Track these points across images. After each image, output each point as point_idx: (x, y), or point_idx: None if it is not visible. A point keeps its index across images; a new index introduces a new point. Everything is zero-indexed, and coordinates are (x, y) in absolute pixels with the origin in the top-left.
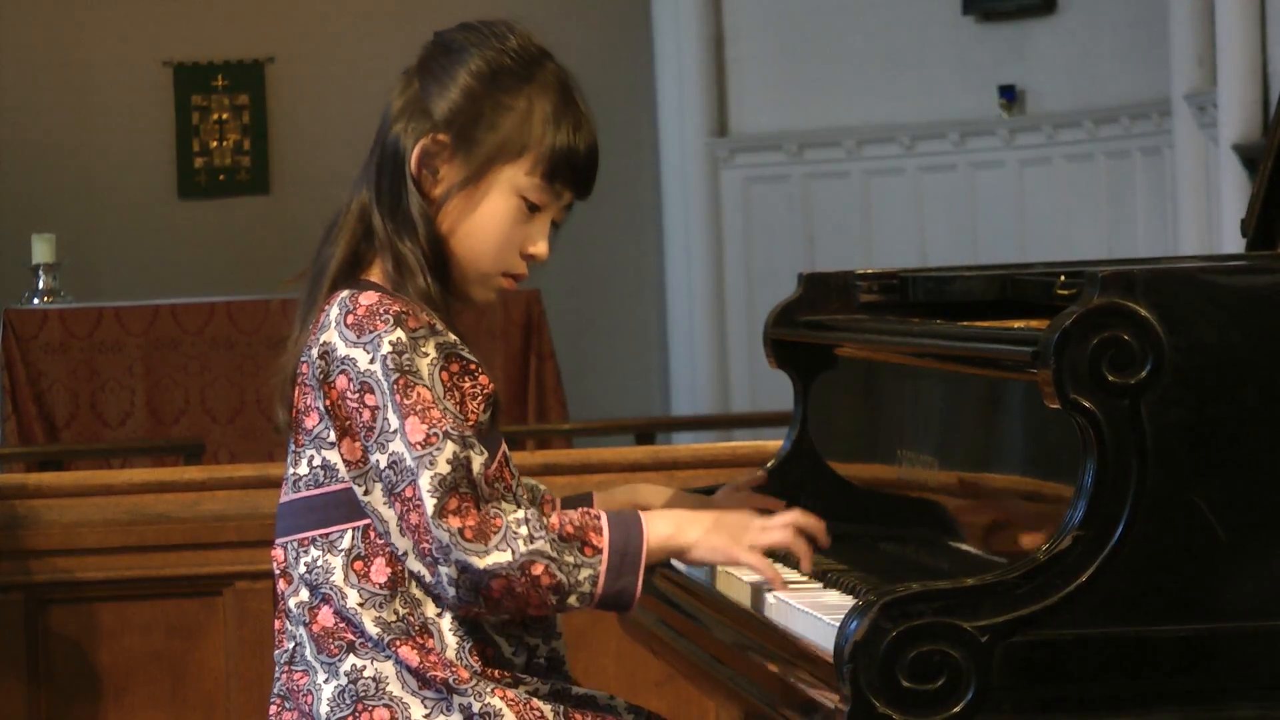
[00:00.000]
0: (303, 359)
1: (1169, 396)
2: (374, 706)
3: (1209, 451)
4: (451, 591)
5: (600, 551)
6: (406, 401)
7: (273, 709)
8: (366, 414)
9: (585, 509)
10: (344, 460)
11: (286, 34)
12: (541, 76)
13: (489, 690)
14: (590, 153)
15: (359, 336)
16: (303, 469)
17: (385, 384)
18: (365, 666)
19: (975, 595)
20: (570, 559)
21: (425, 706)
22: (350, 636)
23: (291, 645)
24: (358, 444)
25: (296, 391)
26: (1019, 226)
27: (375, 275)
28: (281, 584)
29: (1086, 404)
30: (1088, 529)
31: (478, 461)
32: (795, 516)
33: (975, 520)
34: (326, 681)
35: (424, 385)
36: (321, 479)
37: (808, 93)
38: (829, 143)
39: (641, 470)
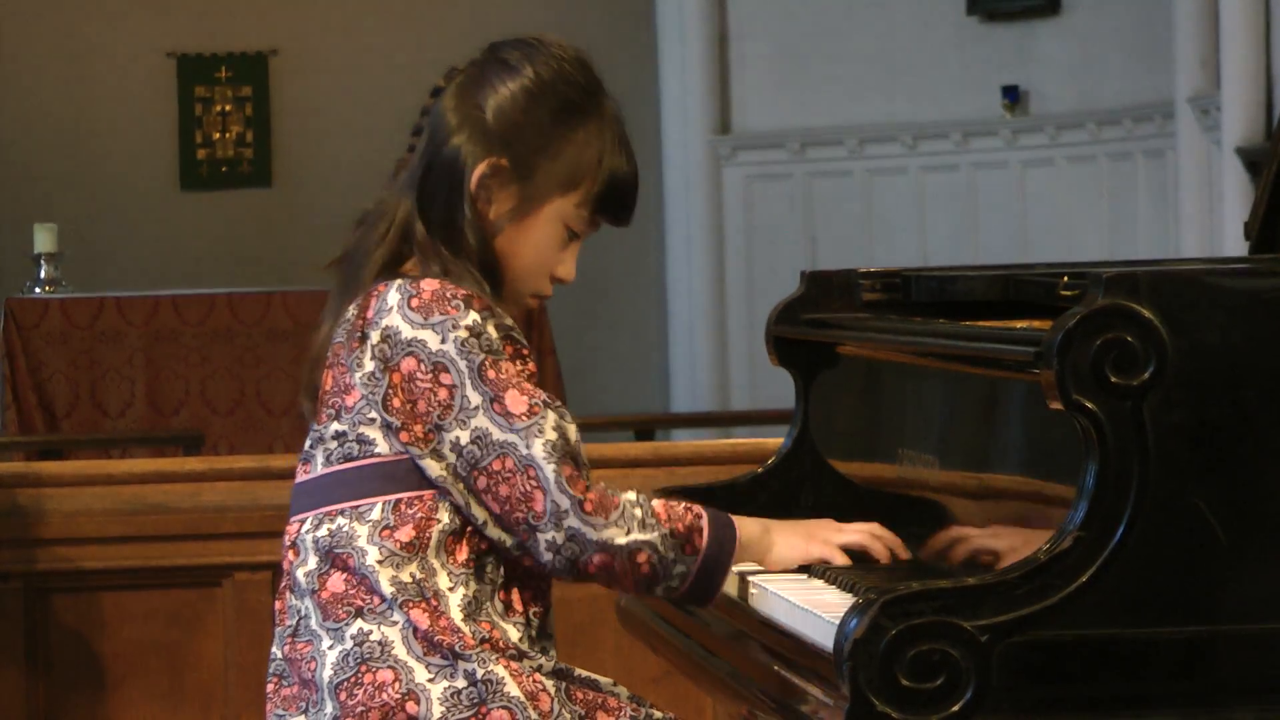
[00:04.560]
0: (336, 340)
1: (1171, 398)
2: (378, 668)
3: (1211, 453)
4: (548, 557)
5: (699, 553)
6: (501, 376)
7: (270, 687)
8: (443, 393)
9: (689, 504)
10: (413, 439)
11: (290, 26)
12: (599, 110)
13: (493, 659)
14: (635, 185)
15: (426, 319)
16: (331, 444)
17: (463, 363)
18: (372, 631)
19: (975, 595)
20: (672, 555)
21: (430, 671)
22: (359, 602)
23: (295, 620)
24: (420, 424)
25: (327, 374)
26: (1020, 227)
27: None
28: (290, 556)
29: (1089, 405)
30: (1089, 530)
31: (573, 431)
32: (874, 526)
33: (975, 519)
34: (331, 647)
35: (506, 360)
36: (355, 453)
37: (810, 91)
38: (831, 141)
39: (641, 466)
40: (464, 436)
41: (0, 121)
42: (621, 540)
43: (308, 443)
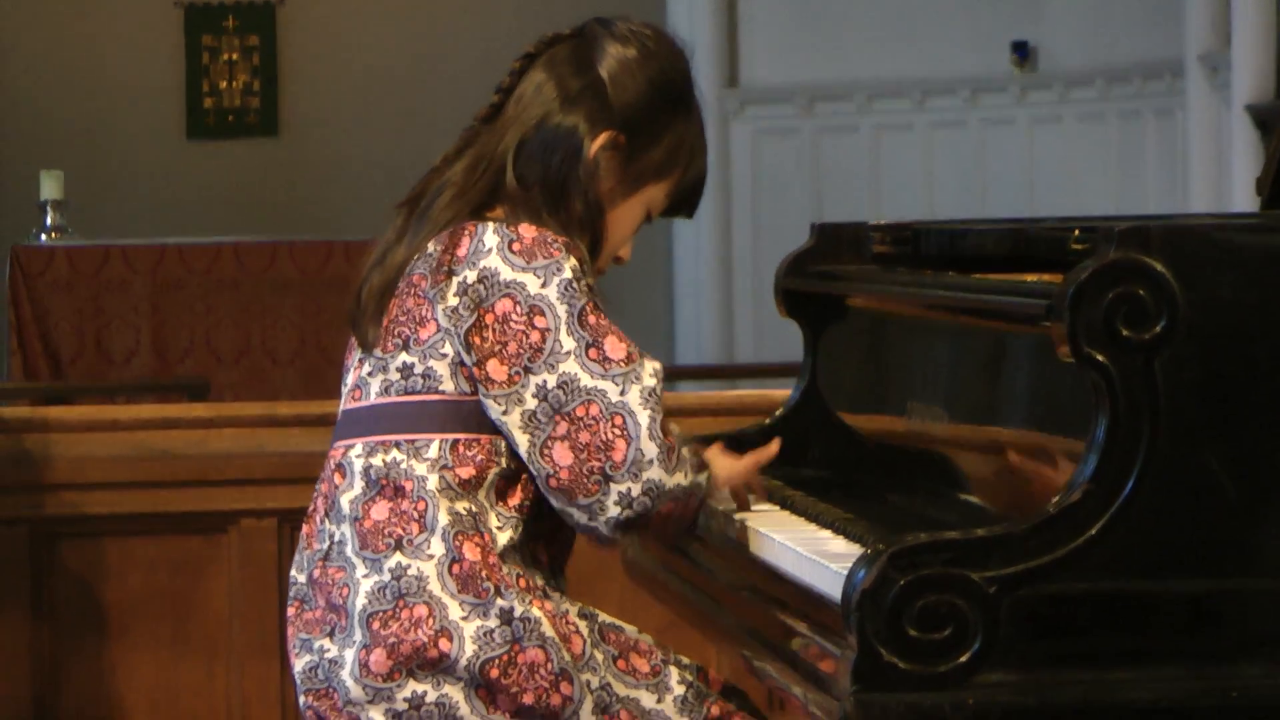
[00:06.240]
0: (417, 272)
1: (1182, 353)
2: (415, 603)
3: (1221, 408)
4: (615, 512)
5: (705, 486)
6: (602, 322)
7: (291, 611)
8: (535, 335)
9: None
10: (488, 378)
11: None
12: (696, 104)
13: (529, 599)
14: (705, 180)
15: (529, 262)
16: (393, 375)
17: (563, 307)
18: (410, 566)
19: (984, 547)
20: (705, 489)
21: (463, 609)
22: (400, 532)
23: (327, 544)
24: (505, 365)
25: (394, 303)
26: (1028, 184)
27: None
28: (336, 479)
29: (1100, 359)
30: (1098, 484)
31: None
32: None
33: (984, 473)
34: (366, 576)
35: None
36: (418, 386)
37: (819, 46)
38: (839, 97)
39: None
40: (551, 380)
41: (8, 69)
42: (685, 483)
43: (363, 370)
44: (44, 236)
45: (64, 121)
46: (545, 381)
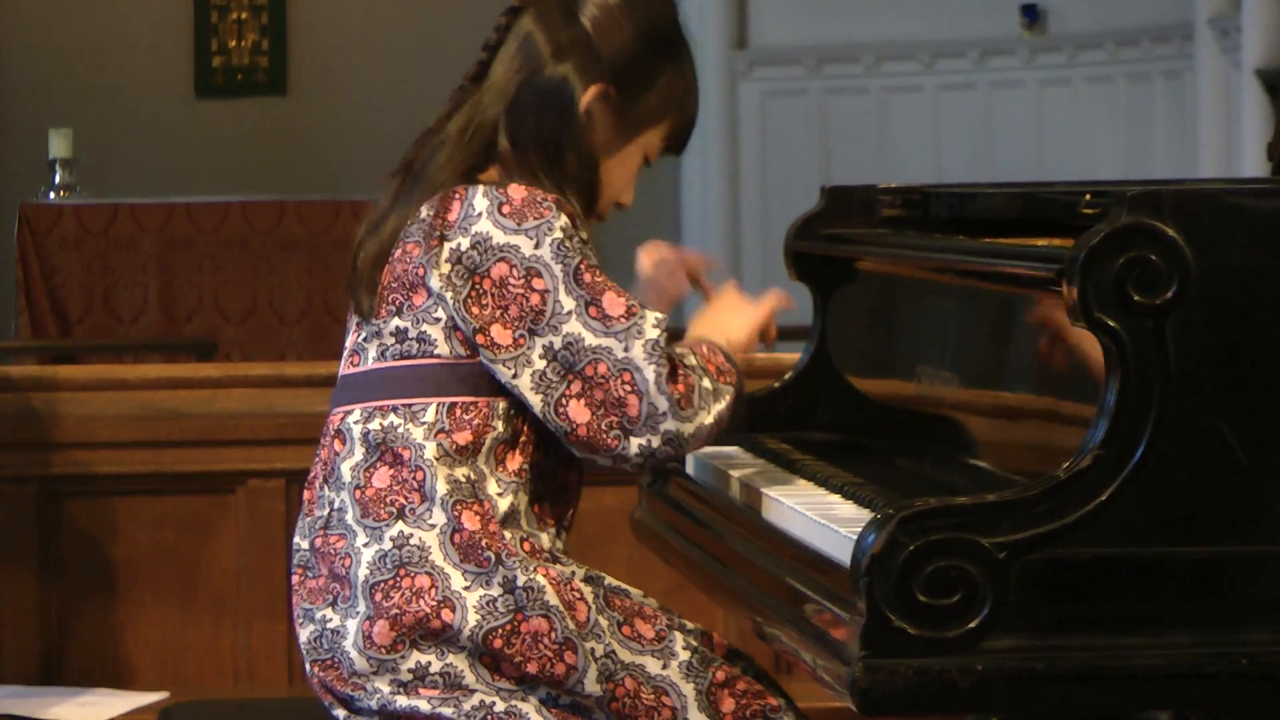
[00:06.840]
0: (410, 239)
1: (1194, 318)
2: (416, 573)
3: (1232, 374)
4: (639, 460)
5: (734, 386)
6: (598, 280)
7: (295, 579)
8: (535, 298)
9: (706, 343)
10: (493, 344)
11: None
12: (685, 42)
13: (533, 566)
14: (696, 120)
15: (520, 224)
16: (388, 340)
17: (558, 267)
18: (412, 535)
19: (994, 512)
20: (729, 402)
21: (466, 579)
22: (401, 500)
23: (326, 510)
24: (509, 329)
25: (387, 270)
26: (1036, 147)
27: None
28: (337, 447)
29: (1111, 323)
30: (1108, 449)
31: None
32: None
33: (993, 438)
34: (367, 545)
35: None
36: (413, 351)
37: (828, 8)
38: (848, 58)
39: None
40: (556, 342)
41: (17, 26)
42: (709, 420)
43: (360, 336)
44: (52, 194)
45: (73, 80)
46: (551, 343)
